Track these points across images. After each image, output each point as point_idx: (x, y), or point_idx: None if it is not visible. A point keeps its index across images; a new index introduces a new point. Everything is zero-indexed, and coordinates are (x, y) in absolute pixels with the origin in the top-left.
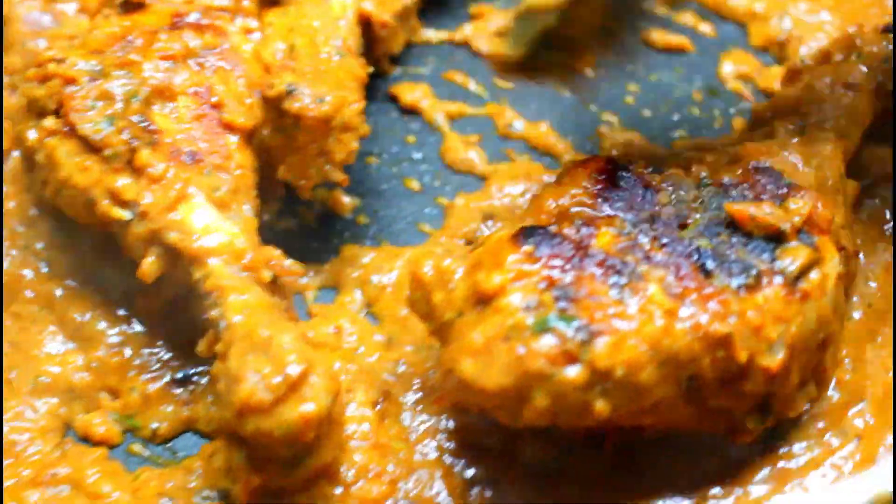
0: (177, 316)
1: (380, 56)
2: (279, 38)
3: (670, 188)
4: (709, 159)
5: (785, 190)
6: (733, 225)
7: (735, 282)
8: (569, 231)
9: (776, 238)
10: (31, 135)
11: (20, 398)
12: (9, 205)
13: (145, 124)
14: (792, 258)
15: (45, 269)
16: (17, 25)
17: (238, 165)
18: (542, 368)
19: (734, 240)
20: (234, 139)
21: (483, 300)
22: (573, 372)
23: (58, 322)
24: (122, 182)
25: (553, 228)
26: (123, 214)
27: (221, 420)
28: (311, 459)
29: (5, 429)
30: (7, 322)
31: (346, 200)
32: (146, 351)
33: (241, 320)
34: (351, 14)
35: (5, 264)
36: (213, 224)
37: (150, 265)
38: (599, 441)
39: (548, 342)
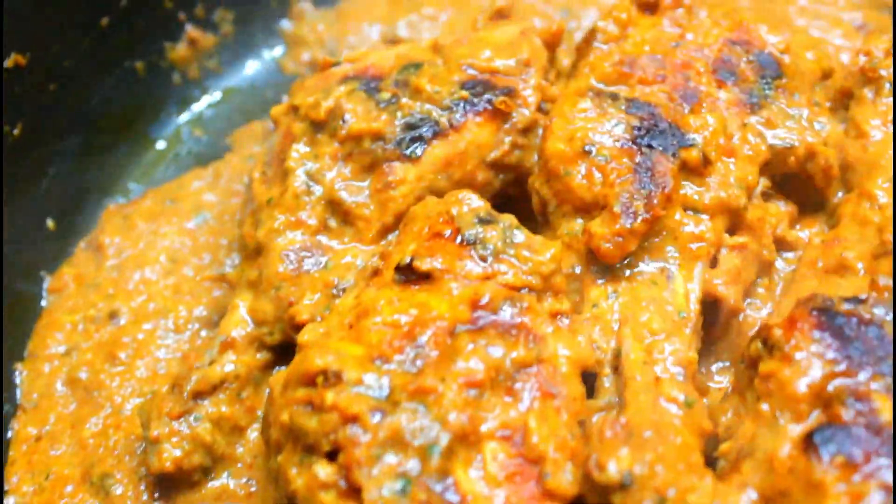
0: None
1: (700, 349)
2: (601, 334)
3: (881, 311)
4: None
5: None
6: None
7: None
8: (849, 416)
9: None
10: (298, 478)
11: None
12: None
13: (447, 493)
14: None
15: None
16: (274, 263)
17: None
18: None
19: None
20: None
21: None
22: None
23: None
24: None
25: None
26: None
27: None
28: None
29: None
30: None
31: None
32: None
33: None
34: (696, 299)
35: None
36: None
37: None
38: None
39: None
